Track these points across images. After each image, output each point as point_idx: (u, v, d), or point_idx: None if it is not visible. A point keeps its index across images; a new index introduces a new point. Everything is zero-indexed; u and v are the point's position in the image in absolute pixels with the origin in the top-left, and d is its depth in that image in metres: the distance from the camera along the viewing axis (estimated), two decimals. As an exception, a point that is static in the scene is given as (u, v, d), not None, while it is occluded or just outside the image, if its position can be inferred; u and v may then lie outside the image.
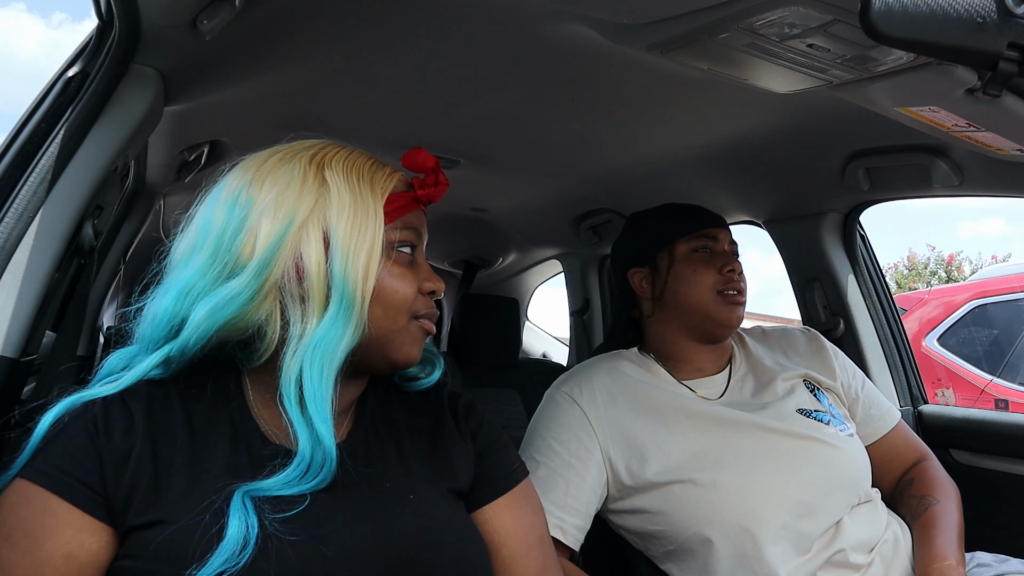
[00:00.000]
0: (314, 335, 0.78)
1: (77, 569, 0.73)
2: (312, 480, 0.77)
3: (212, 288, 0.79)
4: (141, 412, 0.79)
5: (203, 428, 0.81)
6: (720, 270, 1.34)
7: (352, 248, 0.80)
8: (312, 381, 0.77)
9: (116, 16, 0.98)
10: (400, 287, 0.84)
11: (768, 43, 0.98)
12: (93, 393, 0.79)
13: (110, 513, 0.75)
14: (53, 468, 0.74)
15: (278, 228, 0.79)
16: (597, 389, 1.31)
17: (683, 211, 1.43)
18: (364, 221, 0.81)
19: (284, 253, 0.79)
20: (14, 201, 0.94)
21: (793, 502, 1.17)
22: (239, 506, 0.73)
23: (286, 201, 0.81)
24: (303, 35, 1.16)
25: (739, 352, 1.41)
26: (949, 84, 0.95)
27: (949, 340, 4.60)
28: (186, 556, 0.71)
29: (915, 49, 0.70)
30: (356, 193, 0.82)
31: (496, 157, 1.82)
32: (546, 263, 3.06)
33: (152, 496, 0.75)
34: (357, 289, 0.79)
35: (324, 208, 0.81)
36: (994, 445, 1.66)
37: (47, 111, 1.00)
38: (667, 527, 1.22)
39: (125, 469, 0.75)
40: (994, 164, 1.35)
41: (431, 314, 0.88)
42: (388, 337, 0.84)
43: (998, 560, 1.27)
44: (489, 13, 1.08)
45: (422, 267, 0.88)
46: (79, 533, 0.74)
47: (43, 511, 0.73)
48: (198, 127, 1.55)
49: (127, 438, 0.77)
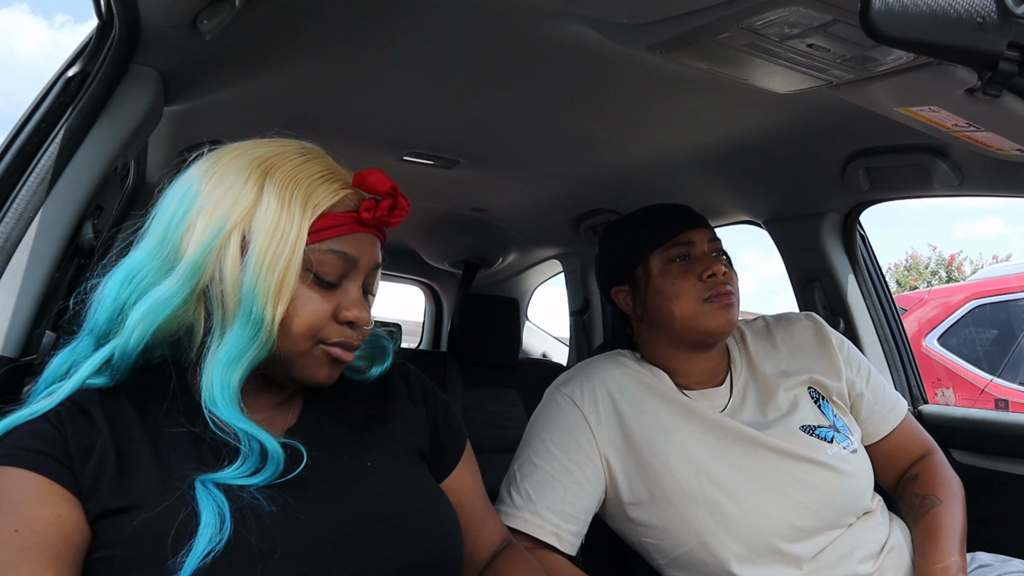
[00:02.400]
0: (221, 346, 0.78)
1: (67, 535, 0.72)
2: (266, 474, 0.78)
3: (154, 280, 0.79)
4: (99, 412, 0.79)
5: (159, 423, 0.81)
6: (700, 276, 1.26)
7: (266, 263, 0.77)
8: (215, 392, 0.77)
9: (116, 16, 0.99)
10: (305, 312, 0.79)
11: (768, 43, 0.98)
12: (35, 410, 0.77)
13: (79, 498, 0.74)
14: (21, 449, 0.74)
15: (211, 229, 0.78)
16: (599, 392, 1.28)
17: (655, 217, 1.34)
18: (284, 236, 0.77)
19: (213, 257, 0.78)
20: (14, 201, 0.94)
21: (788, 527, 1.15)
22: (203, 491, 0.74)
23: (224, 202, 0.79)
24: (303, 35, 1.16)
25: (740, 355, 1.36)
26: (949, 84, 0.95)
27: (949, 340, 4.61)
28: (165, 540, 0.71)
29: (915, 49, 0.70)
30: (284, 206, 0.78)
31: (496, 157, 1.82)
32: (546, 263, 3.06)
33: (118, 483, 0.75)
34: (267, 307, 0.76)
35: (251, 217, 0.78)
36: (994, 445, 1.66)
37: (47, 111, 1.00)
38: (661, 541, 1.21)
39: (90, 459, 0.75)
40: (994, 164, 1.35)
41: (345, 343, 0.83)
42: (290, 358, 0.81)
43: (999, 560, 1.26)
44: (489, 13, 1.08)
45: (348, 293, 0.83)
46: (63, 501, 0.73)
47: (20, 481, 0.73)
48: (198, 127, 1.55)
49: (90, 434, 0.77)
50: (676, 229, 1.30)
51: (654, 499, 1.21)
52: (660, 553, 1.23)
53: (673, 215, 1.34)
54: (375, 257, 0.86)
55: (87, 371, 0.80)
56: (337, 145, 0.93)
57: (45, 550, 0.70)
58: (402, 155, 1.77)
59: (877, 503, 1.26)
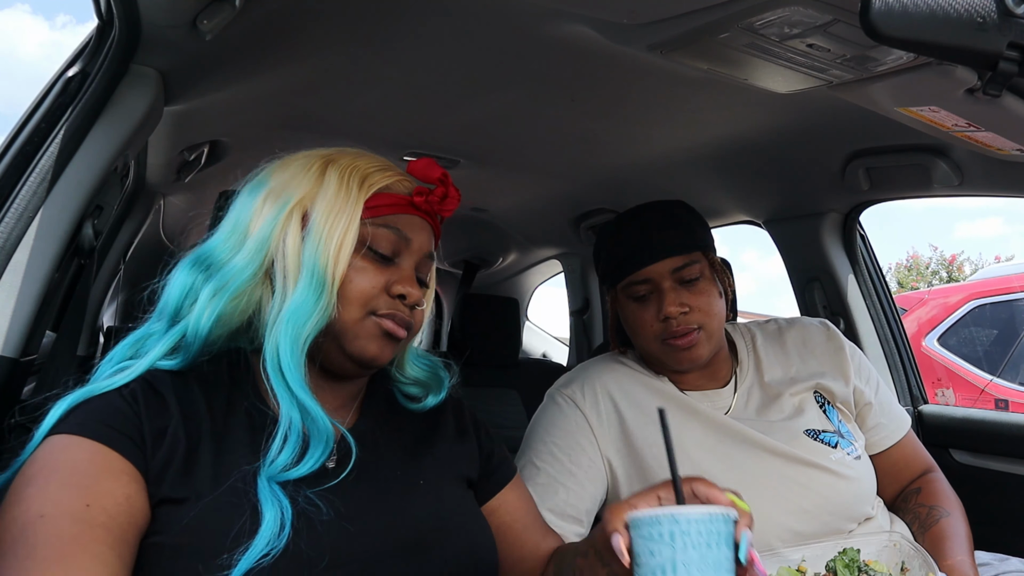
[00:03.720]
0: (286, 309, 0.81)
1: (132, 517, 0.72)
2: (317, 452, 0.80)
3: (224, 260, 0.84)
4: (171, 394, 0.80)
5: (222, 412, 0.83)
6: (657, 316, 1.22)
7: (324, 232, 0.83)
8: (284, 353, 0.80)
9: (116, 16, 0.98)
10: (360, 280, 0.85)
11: (768, 43, 0.98)
12: (108, 384, 0.79)
13: (146, 481, 0.75)
14: (96, 422, 0.75)
15: (275, 209, 0.85)
16: (600, 394, 1.28)
17: (623, 244, 1.27)
18: (341, 209, 0.85)
19: (276, 232, 0.84)
20: (14, 201, 0.94)
21: (788, 531, 1.15)
22: (267, 490, 0.76)
23: (288, 188, 0.87)
24: (303, 35, 1.16)
25: (748, 357, 1.33)
26: (949, 84, 0.95)
27: (949, 340, 4.61)
28: (220, 535, 0.72)
29: (915, 49, 0.70)
30: (343, 184, 0.86)
31: (496, 157, 1.82)
32: (546, 263, 3.06)
33: (183, 473, 0.76)
34: (327, 269, 0.82)
35: (313, 197, 0.86)
36: (994, 445, 1.66)
37: (47, 111, 1.00)
38: None
39: (162, 443, 0.77)
40: (994, 164, 1.35)
41: (394, 315, 0.86)
42: (343, 328, 0.84)
43: (998, 559, 1.27)
44: (489, 13, 1.08)
45: (400, 270, 0.88)
46: (134, 482, 0.74)
47: (94, 454, 0.73)
48: (198, 127, 1.55)
49: (162, 416, 0.78)
50: (635, 265, 1.24)
51: None
52: None
53: (637, 246, 1.25)
54: (427, 243, 0.92)
55: (162, 349, 0.83)
56: (337, 145, 0.93)
57: (112, 530, 0.70)
58: (402, 155, 1.77)
59: (878, 508, 1.25)
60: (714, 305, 1.23)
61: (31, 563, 0.65)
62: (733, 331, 1.38)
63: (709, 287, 1.24)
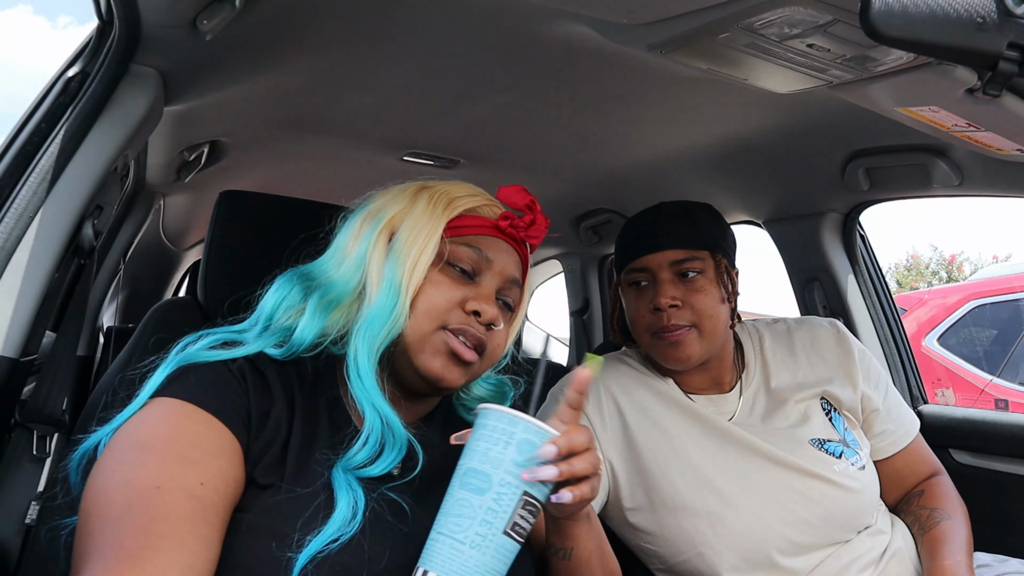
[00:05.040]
0: (365, 318, 0.85)
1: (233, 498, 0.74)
2: (390, 457, 0.82)
3: (327, 279, 0.89)
4: (275, 379, 0.83)
5: (311, 407, 0.86)
6: (650, 308, 1.21)
7: (405, 246, 0.87)
8: (361, 359, 0.83)
9: (116, 16, 0.98)
10: (434, 293, 0.87)
11: (768, 43, 0.98)
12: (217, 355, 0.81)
13: (246, 462, 0.77)
14: (208, 393, 0.76)
15: (368, 229, 0.91)
16: (603, 396, 1.27)
17: (631, 230, 1.29)
18: (424, 225, 0.89)
19: (369, 250, 0.89)
20: (14, 201, 0.94)
21: (787, 541, 1.14)
22: (342, 480, 0.78)
23: (383, 209, 0.92)
24: (303, 35, 1.16)
25: (755, 360, 1.32)
26: (949, 84, 0.95)
27: (949, 340, 4.61)
28: (295, 518, 0.74)
29: (915, 49, 0.70)
30: (429, 205, 0.91)
31: (496, 157, 1.82)
32: (546, 263, 3.06)
33: (278, 460, 0.78)
34: (403, 279, 0.85)
35: (402, 217, 0.91)
36: (994, 445, 1.65)
37: (47, 111, 1.00)
38: (660, 548, 1.21)
39: (265, 427, 0.79)
40: (994, 164, 1.35)
41: (465, 331, 0.87)
42: (412, 339, 0.86)
43: (998, 560, 1.26)
44: (489, 13, 1.08)
45: (480, 288, 0.90)
46: (240, 463, 0.76)
47: (209, 428, 0.74)
48: (198, 127, 1.55)
49: (266, 399, 0.81)
50: (637, 251, 1.25)
51: (652, 506, 1.20)
52: (659, 559, 1.22)
53: (646, 233, 1.26)
54: (511, 267, 0.93)
55: (270, 339, 0.85)
56: (337, 145, 0.93)
57: (219, 511, 0.71)
58: (402, 155, 1.77)
59: (879, 513, 1.24)
60: (711, 306, 1.21)
61: (145, 536, 0.65)
62: (741, 332, 1.36)
63: (709, 287, 1.22)
